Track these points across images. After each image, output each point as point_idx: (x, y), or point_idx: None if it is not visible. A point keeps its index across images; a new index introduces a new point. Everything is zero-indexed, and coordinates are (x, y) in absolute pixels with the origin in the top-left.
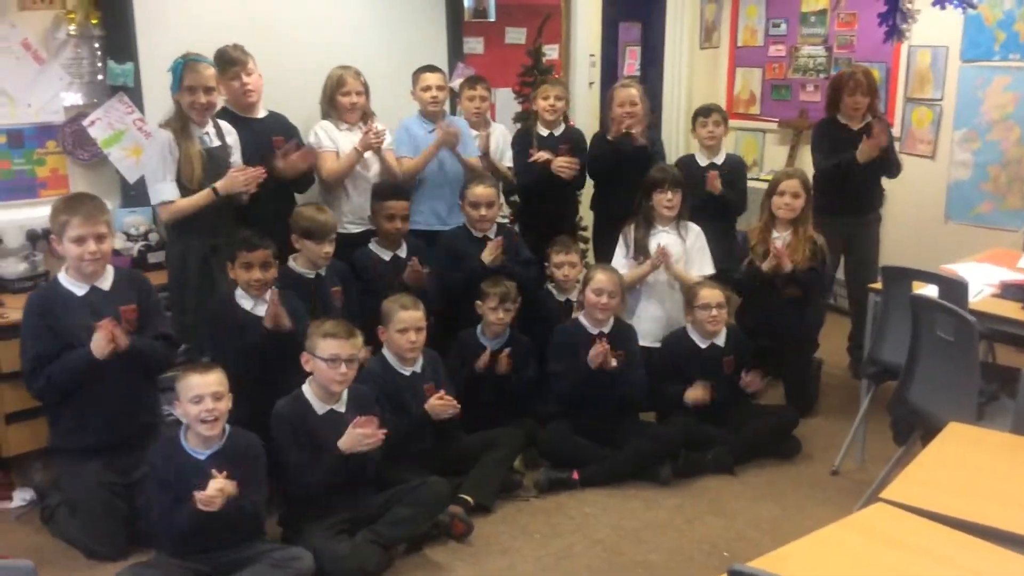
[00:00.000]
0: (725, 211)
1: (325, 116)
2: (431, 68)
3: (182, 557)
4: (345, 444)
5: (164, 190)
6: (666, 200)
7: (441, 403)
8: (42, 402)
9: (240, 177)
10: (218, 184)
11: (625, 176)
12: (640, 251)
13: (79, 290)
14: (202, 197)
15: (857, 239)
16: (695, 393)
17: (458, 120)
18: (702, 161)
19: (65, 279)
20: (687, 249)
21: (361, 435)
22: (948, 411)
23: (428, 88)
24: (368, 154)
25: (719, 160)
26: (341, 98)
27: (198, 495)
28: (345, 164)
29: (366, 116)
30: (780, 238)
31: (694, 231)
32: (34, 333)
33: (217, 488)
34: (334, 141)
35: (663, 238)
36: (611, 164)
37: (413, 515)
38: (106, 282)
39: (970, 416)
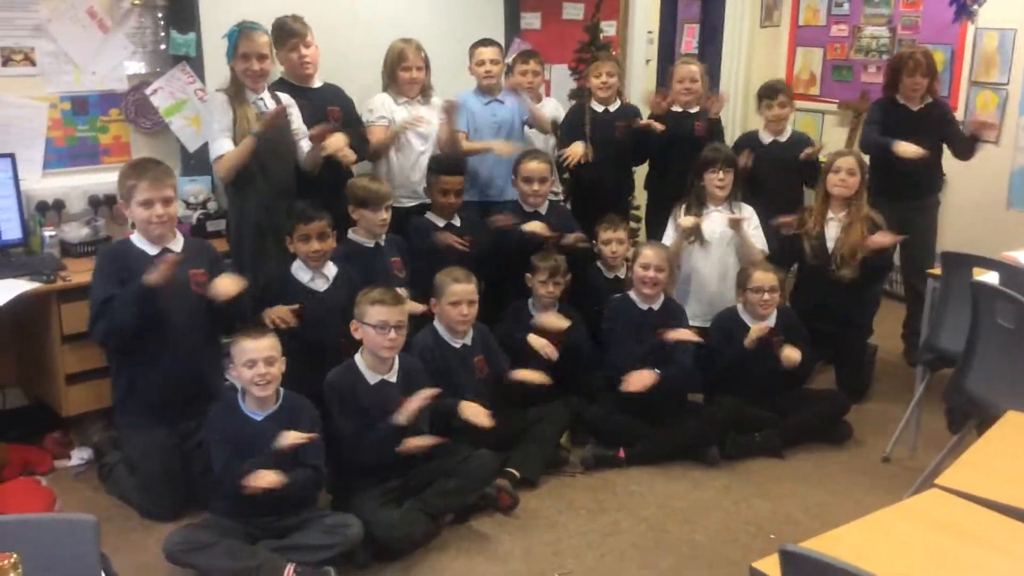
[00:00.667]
0: (787, 194)
1: (385, 88)
2: (486, 42)
3: (235, 519)
4: (404, 417)
5: (219, 146)
6: (717, 180)
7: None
8: (105, 346)
9: (269, 114)
10: (256, 128)
11: (679, 155)
12: (691, 232)
13: (152, 249)
14: (246, 144)
15: (914, 224)
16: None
17: (510, 93)
18: (765, 140)
19: (138, 239)
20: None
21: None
22: (1006, 400)
23: (482, 63)
24: (423, 132)
25: (783, 139)
26: (401, 72)
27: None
28: (386, 137)
29: (426, 90)
30: (834, 219)
31: (748, 210)
32: (105, 278)
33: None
34: (390, 114)
35: (715, 218)
36: (666, 142)
37: (461, 486)
38: (177, 245)
39: None
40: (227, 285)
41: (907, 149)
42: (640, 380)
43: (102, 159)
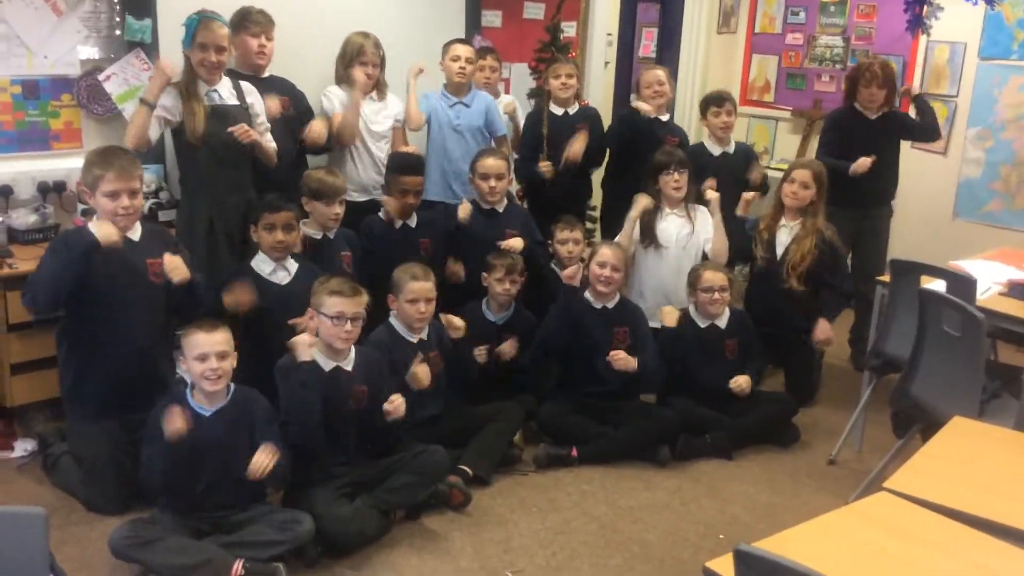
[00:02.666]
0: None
1: (339, 81)
2: (462, 40)
3: (182, 515)
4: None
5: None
6: (673, 182)
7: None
8: (32, 308)
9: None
10: (147, 95)
11: (639, 155)
12: (647, 235)
13: None
14: (139, 112)
15: (865, 232)
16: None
17: (480, 94)
18: (715, 151)
19: (95, 226)
20: (697, 231)
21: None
22: (951, 406)
23: (457, 58)
24: (376, 129)
25: (730, 149)
26: (359, 67)
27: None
28: (351, 115)
29: (380, 87)
30: (787, 227)
31: (703, 212)
32: (54, 255)
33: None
34: (343, 107)
35: (671, 222)
36: (627, 138)
37: (413, 482)
38: (135, 234)
39: (972, 412)
40: (179, 264)
41: (861, 164)
42: (626, 361)
43: (52, 144)
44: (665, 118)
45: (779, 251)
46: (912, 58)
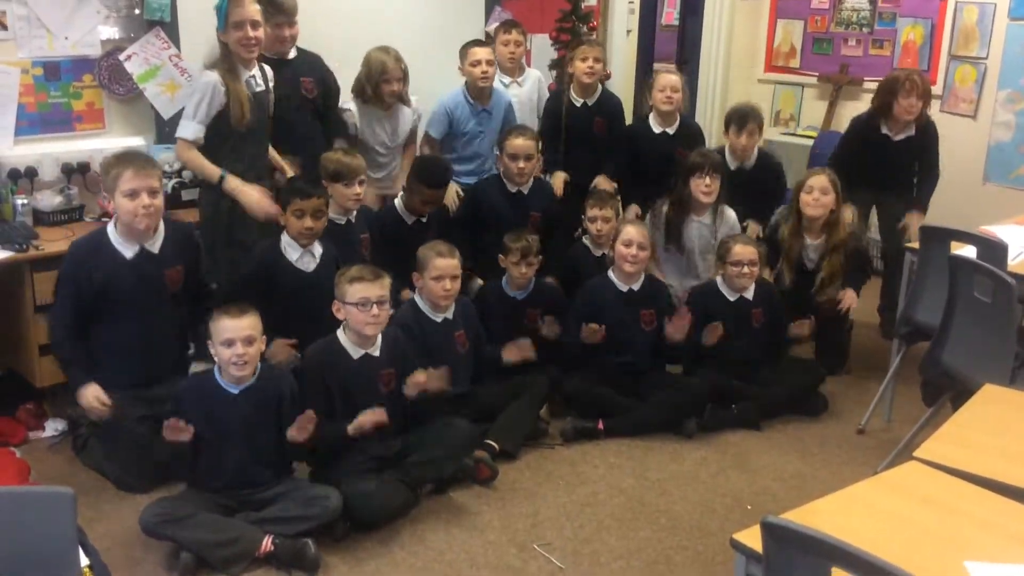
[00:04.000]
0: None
1: (364, 99)
2: (479, 42)
3: (211, 492)
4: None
5: (189, 127)
6: (704, 186)
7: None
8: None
9: (257, 207)
10: (233, 185)
11: (654, 170)
12: (673, 236)
13: (128, 251)
14: (210, 173)
15: (892, 202)
16: (709, 338)
17: (500, 95)
18: (731, 165)
19: (114, 235)
20: (719, 236)
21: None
22: (982, 374)
23: (478, 63)
24: (393, 145)
25: (748, 165)
26: (384, 86)
27: None
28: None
29: (403, 100)
30: (812, 245)
31: (730, 219)
32: (70, 286)
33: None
34: (355, 127)
35: (696, 226)
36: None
37: (439, 456)
38: (156, 243)
39: (1004, 379)
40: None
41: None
42: (681, 326)
43: (75, 126)
44: (672, 130)
45: (808, 265)
46: (940, 20)
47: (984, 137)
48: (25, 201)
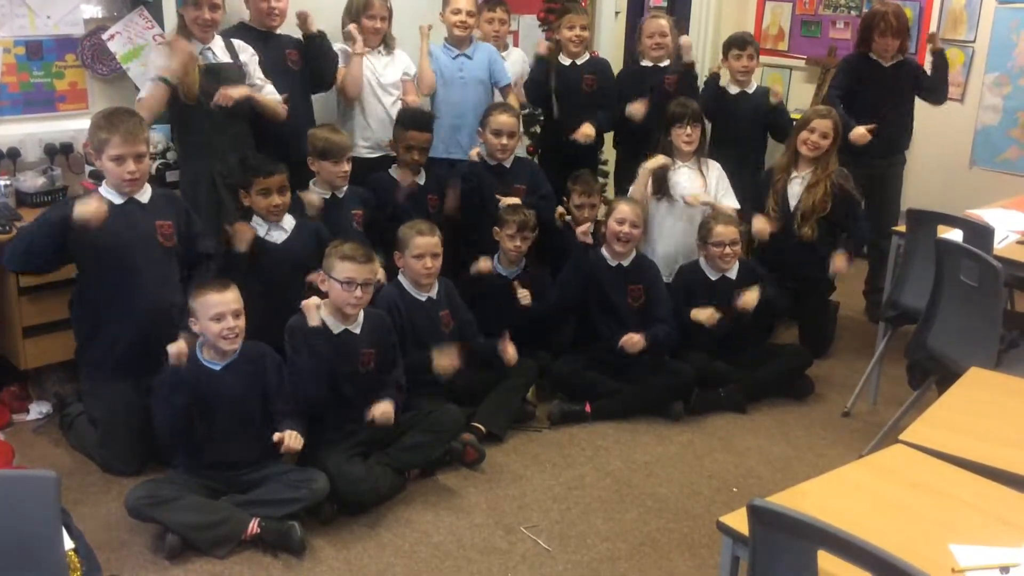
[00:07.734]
0: (752, 145)
1: (346, 37)
2: None
3: (198, 474)
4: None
5: (143, 89)
6: (685, 135)
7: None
8: (10, 264)
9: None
10: (168, 76)
11: (648, 111)
12: (660, 187)
13: (117, 199)
14: (156, 89)
15: (879, 181)
16: (702, 314)
17: (482, 45)
18: (732, 90)
19: (105, 190)
20: (709, 186)
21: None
22: (967, 357)
23: (458, 11)
24: (385, 82)
25: (750, 90)
26: (366, 21)
27: None
28: (355, 70)
29: (388, 41)
30: (799, 177)
31: (715, 167)
32: (39, 217)
33: None
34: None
35: (683, 175)
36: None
37: (426, 441)
38: (144, 196)
39: (989, 363)
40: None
41: (859, 135)
42: (632, 343)
43: (58, 106)
44: (664, 64)
45: (792, 202)
46: (929, 2)
47: (971, 121)
48: (8, 182)
